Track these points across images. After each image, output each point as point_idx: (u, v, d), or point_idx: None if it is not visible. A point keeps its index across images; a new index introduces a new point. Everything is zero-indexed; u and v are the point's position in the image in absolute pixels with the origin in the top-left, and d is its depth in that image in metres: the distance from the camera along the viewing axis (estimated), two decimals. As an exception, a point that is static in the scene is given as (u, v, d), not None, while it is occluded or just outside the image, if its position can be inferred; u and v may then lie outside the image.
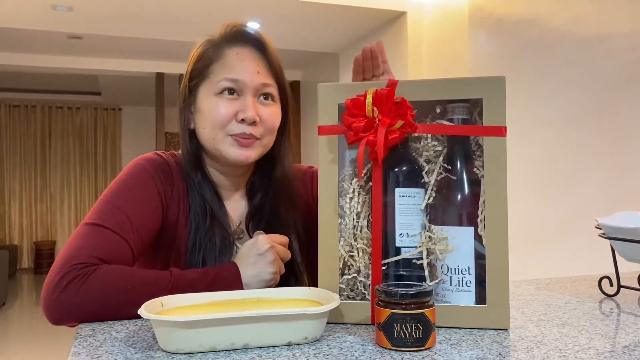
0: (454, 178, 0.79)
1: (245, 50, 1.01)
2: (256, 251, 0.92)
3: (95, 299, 0.81)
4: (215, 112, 0.97)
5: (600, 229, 1.01)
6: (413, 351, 0.65)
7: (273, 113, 1.01)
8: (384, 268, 0.80)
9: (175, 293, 0.79)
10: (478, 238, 0.78)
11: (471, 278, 0.77)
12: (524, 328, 0.76)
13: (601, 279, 1.02)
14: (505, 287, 0.75)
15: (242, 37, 1.02)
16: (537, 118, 2.98)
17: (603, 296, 0.99)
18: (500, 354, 0.64)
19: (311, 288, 0.80)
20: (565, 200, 2.82)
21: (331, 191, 0.81)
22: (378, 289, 0.69)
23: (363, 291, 0.81)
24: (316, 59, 5.67)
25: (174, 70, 5.86)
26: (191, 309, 0.75)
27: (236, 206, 1.08)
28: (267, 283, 0.92)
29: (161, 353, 0.66)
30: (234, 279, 0.90)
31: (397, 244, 0.81)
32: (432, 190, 0.80)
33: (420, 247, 0.80)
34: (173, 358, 0.64)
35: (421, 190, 0.81)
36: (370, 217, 0.81)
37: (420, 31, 4.04)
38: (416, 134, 0.81)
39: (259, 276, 0.92)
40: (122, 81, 6.80)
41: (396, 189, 0.81)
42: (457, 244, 0.78)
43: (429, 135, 0.82)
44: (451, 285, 0.78)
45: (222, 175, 1.06)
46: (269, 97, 1.01)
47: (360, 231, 0.82)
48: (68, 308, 0.81)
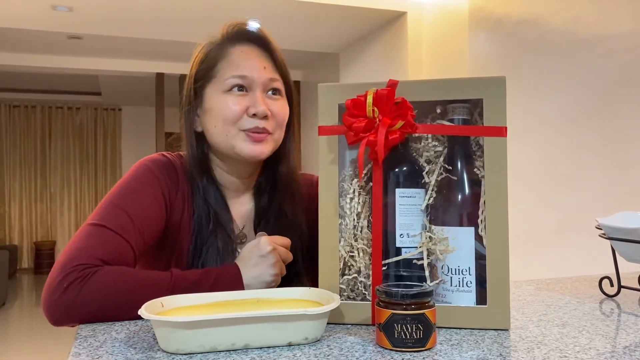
0: (455, 178, 0.79)
1: (249, 47, 1.01)
2: (258, 253, 0.92)
3: (95, 301, 0.81)
4: (226, 109, 0.97)
5: (600, 229, 1.01)
6: (413, 352, 0.65)
7: (282, 106, 1.02)
8: (385, 268, 0.80)
9: (176, 294, 0.79)
10: (478, 238, 0.78)
11: (472, 278, 0.77)
12: (525, 328, 0.76)
13: (601, 280, 1.02)
14: (505, 288, 0.75)
15: (245, 35, 1.02)
16: (537, 118, 2.98)
17: (603, 296, 0.99)
18: (500, 355, 0.64)
19: (311, 288, 0.80)
20: (565, 200, 2.82)
21: (331, 191, 0.81)
22: (378, 290, 0.69)
23: (363, 291, 0.81)
24: (316, 59, 5.67)
25: (174, 70, 5.87)
26: (191, 310, 0.75)
27: (242, 207, 1.08)
28: (268, 285, 0.92)
29: (161, 353, 0.66)
30: (235, 280, 0.90)
31: (398, 245, 0.81)
32: (433, 190, 0.80)
33: (420, 248, 0.80)
34: (173, 358, 0.64)
35: (421, 190, 0.81)
36: (370, 218, 0.81)
37: (420, 31, 4.04)
38: (416, 134, 0.81)
39: (260, 277, 0.92)
40: (122, 81, 6.80)
41: (396, 190, 0.81)
42: (458, 245, 0.77)
43: (430, 135, 0.82)
44: (452, 285, 0.78)
45: (231, 176, 1.05)
46: (277, 92, 1.02)
47: (360, 231, 0.82)
48: (68, 309, 0.81)
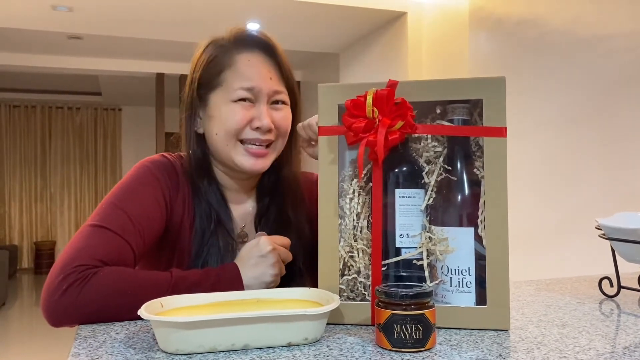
0: (454, 179, 0.79)
1: (255, 55, 1.01)
2: (258, 253, 0.92)
3: (95, 301, 0.81)
4: (230, 120, 0.98)
5: (600, 230, 1.01)
6: (413, 352, 0.65)
7: (285, 117, 1.02)
8: (384, 269, 0.80)
9: (176, 294, 0.79)
10: (478, 239, 0.78)
11: (471, 279, 0.77)
12: (524, 329, 0.76)
13: (601, 280, 1.02)
14: (505, 288, 0.75)
15: (251, 42, 1.02)
16: (537, 118, 2.98)
17: (603, 297, 0.99)
18: (500, 355, 0.64)
19: (311, 289, 0.80)
20: (565, 200, 2.82)
21: (331, 192, 0.81)
22: (378, 290, 0.69)
23: (363, 292, 0.81)
24: (316, 59, 5.67)
25: (174, 70, 5.87)
26: (191, 310, 0.75)
27: (243, 208, 1.08)
28: (268, 285, 0.92)
29: (161, 354, 0.66)
30: (235, 281, 0.90)
31: (397, 245, 0.81)
32: (432, 191, 0.80)
33: (420, 248, 0.80)
34: (173, 359, 0.64)
35: (421, 190, 0.81)
36: (370, 218, 0.81)
37: (420, 31, 4.04)
38: (416, 135, 0.81)
39: (260, 278, 0.92)
40: (122, 81, 6.80)
41: (396, 190, 0.81)
42: (457, 245, 0.77)
43: (429, 135, 0.82)
44: (451, 286, 0.78)
45: (231, 178, 1.06)
46: (280, 102, 1.02)
47: (360, 232, 0.82)
48: (68, 310, 0.81)
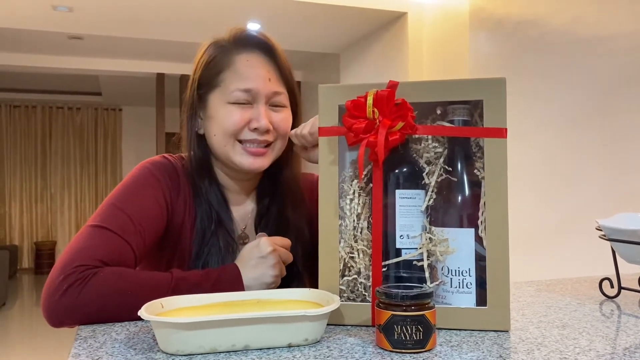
0: (455, 179, 0.79)
1: (254, 56, 1.01)
2: (258, 254, 0.92)
3: (95, 302, 0.81)
4: (228, 121, 0.98)
5: (600, 231, 1.01)
6: (413, 353, 0.65)
7: (284, 119, 1.02)
8: (385, 269, 0.80)
9: (176, 295, 0.79)
10: (478, 239, 0.78)
11: (472, 280, 0.77)
12: (525, 330, 0.76)
13: (602, 281, 1.02)
14: (505, 289, 0.75)
15: (251, 42, 1.02)
16: (538, 119, 2.98)
17: (604, 298, 0.98)
18: (500, 356, 0.64)
19: (311, 289, 0.80)
20: (565, 201, 2.82)
21: (331, 192, 0.81)
22: (378, 291, 0.69)
23: (363, 293, 0.81)
24: (317, 60, 5.67)
25: (175, 70, 5.87)
26: (191, 311, 0.75)
27: (243, 209, 1.08)
28: (268, 286, 0.92)
29: (161, 354, 0.66)
30: (235, 281, 0.90)
31: (398, 246, 0.80)
32: (433, 191, 0.80)
33: (420, 249, 0.80)
34: (173, 359, 0.64)
35: (421, 191, 0.81)
36: (370, 219, 0.81)
37: (420, 32, 4.04)
38: (417, 136, 0.81)
39: (260, 279, 0.92)
40: (123, 81, 6.80)
41: (396, 191, 0.81)
42: (458, 246, 0.77)
43: (430, 136, 0.82)
44: (452, 287, 0.78)
45: (232, 179, 1.06)
46: (279, 104, 1.02)
47: (360, 232, 0.82)
48: (68, 311, 0.81)
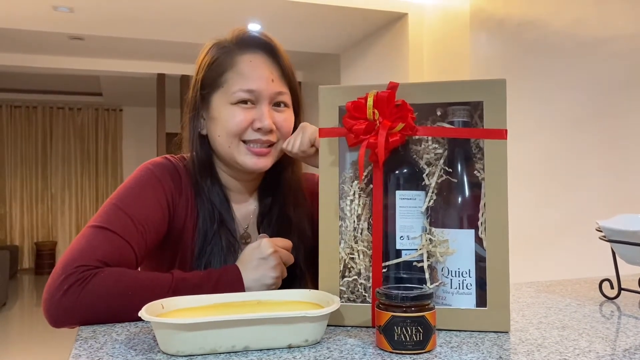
0: (455, 181, 0.79)
1: (257, 56, 1.01)
2: (259, 255, 0.93)
3: (96, 303, 0.81)
4: (231, 122, 0.98)
5: (601, 232, 1.01)
6: (413, 354, 0.65)
7: (287, 119, 1.02)
8: (385, 270, 0.80)
9: (176, 296, 0.79)
10: (478, 241, 0.78)
11: (472, 281, 0.77)
12: (525, 331, 0.76)
13: (602, 282, 1.02)
14: (505, 290, 0.75)
15: (254, 43, 1.02)
16: (538, 120, 2.98)
17: (604, 299, 0.99)
18: (500, 357, 0.64)
19: (312, 290, 0.80)
20: (566, 202, 2.82)
21: (332, 193, 0.81)
22: (378, 292, 0.69)
23: (363, 294, 0.81)
24: (317, 60, 5.67)
25: (175, 71, 5.87)
26: (192, 311, 0.75)
27: (245, 209, 1.08)
28: (269, 287, 0.93)
29: (162, 355, 0.66)
30: (236, 283, 0.90)
31: (398, 247, 0.81)
32: (433, 192, 0.80)
33: (420, 250, 0.80)
34: (173, 360, 0.64)
35: (422, 192, 0.81)
36: (370, 220, 0.81)
37: (421, 33, 4.04)
38: (417, 137, 0.81)
39: (261, 280, 0.92)
40: (123, 82, 6.80)
41: (397, 192, 0.81)
42: (458, 247, 0.78)
43: (430, 137, 0.82)
44: (452, 287, 0.78)
45: (234, 179, 1.06)
46: (282, 104, 1.02)
47: (360, 233, 0.82)
48: (69, 311, 0.81)
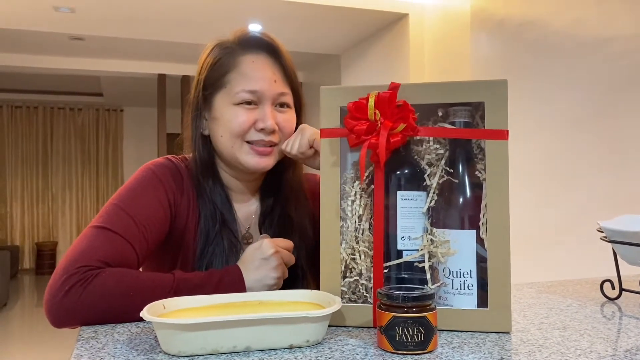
0: (456, 181, 0.80)
1: (260, 57, 1.01)
2: (261, 255, 0.93)
3: (97, 303, 0.81)
4: (234, 122, 0.98)
5: (602, 232, 1.01)
6: (415, 354, 0.66)
7: (289, 119, 1.03)
8: (386, 271, 0.80)
9: (178, 296, 0.79)
10: (480, 241, 0.78)
11: (473, 281, 0.77)
12: (526, 331, 0.76)
13: (603, 282, 1.02)
14: (507, 291, 0.75)
15: (256, 43, 1.02)
16: (539, 120, 2.98)
17: (605, 299, 0.98)
18: (501, 358, 0.64)
19: (313, 291, 0.80)
20: (567, 203, 2.82)
21: (333, 194, 0.81)
22: (380, 292, 0.69)
23: (365, 294, 0.81)
24: (318, 61, 5.67)
25: (176, 71, 5.87)
26: (193, 312, 0.75)
27: (247, 209, 1.09)
28: (270, 287, 0.93)
29: (163, 355, 0.66)
30: (237, 283, 0.91)
31: (399, 247, 0.81)
32: (434, 193, 0.80)
33: (422, 250, 0.80)
34: (175, 361, 0.64)
35: (423, 193, 0.82)
36: (372, 220, 0.81)
37: (422, 33, 4.04)
38: (418, 137, 0.81)
39: (263, 280, 0.92)
40: (124, 82, 6.80)
41: (398, 192, 0.81)
42: (459, 247, 0.78)
43: (431, 138, 0.82)
44: (453, 288, 0.78)
45: (236, 180, 1.06)
46: (285, 105, 1.02)
47: (362, 234, 0.82)
48: (70, 311, 0.81)
